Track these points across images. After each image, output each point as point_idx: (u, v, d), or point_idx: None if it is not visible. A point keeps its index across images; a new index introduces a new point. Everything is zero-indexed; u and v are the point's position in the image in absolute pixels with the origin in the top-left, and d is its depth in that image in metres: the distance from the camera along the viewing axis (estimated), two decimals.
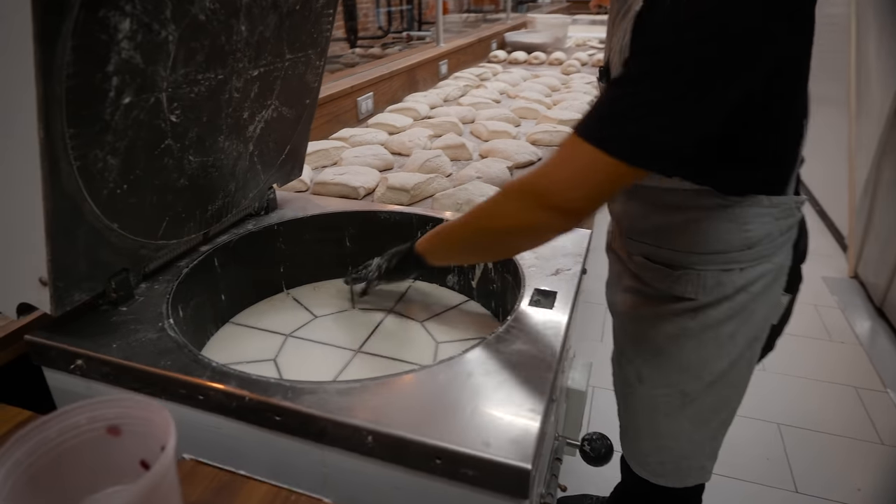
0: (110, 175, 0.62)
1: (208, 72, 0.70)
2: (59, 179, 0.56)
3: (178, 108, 0.67)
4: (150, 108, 0.63)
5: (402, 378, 0.61)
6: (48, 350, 0.67)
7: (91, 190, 0.60)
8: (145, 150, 0.66)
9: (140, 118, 0.62)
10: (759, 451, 1.73)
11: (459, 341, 0.91)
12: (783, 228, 0.80)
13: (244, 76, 0.77)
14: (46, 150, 0.53)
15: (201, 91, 0.70)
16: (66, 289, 0.64)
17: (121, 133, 0.61)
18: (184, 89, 0.67)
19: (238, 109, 0.79)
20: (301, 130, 1.00)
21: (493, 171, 1.28)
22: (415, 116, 1.85)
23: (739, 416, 0.93)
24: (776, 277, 0.83)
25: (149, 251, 0.75)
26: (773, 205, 0.77)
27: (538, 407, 0.57)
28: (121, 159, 0.62)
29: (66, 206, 0.59)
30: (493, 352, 0.66)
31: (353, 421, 0.55)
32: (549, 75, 2.59)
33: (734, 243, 0.79)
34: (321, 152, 1.42)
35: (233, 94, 0.76)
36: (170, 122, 0.67)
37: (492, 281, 0.96)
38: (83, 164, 0.58)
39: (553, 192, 0.62)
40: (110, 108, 0.58)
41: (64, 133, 0.54)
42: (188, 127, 0.71)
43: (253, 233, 0.96)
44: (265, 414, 0.59)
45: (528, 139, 1.65)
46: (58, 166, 0.55)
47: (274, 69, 0.83)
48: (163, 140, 0.68)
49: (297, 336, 0.91)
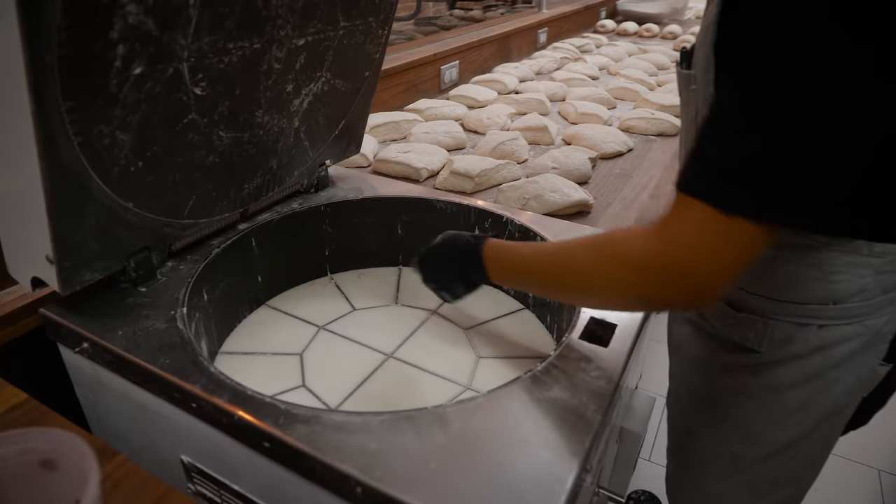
0: (121, 152, 0.56)
1: (241, 40, 0.62)
2: (59, 156, 0.51)
3: (203, 80, 0.60)
4: (169, 79, 0.57)
5: (410, 418, 0.53)
6: (59, 327, 0.64)
7: (97, 167, 0.55)
8: (164, 126, 0.60)
9: (156, 91, 0.56)
10: (853, 498, 1.52)
11: (502, 359, 0.81)
12: (887, 286, 0.62)
13: (287, 45, 0.69)
14: (40, 123, 0.48)
15: (233, 61, 0.63)
16: (75, 268, 0.60)
17: (132, 107, 0.55)
18: (210, 59, 0.60)
19: (280, 82, 0.72)
20: (359, 105, 0.92)
21: (571, 162, 1.14)
22: (500, 90, 1.73)
23: (833, 456, 0.77)
24: (870, 344, 0.65)
25: (174, 230, 0.71)
26: (873, 254, 0.59)
27: (564, 483, 0.47)
28: (133, 135, 0.57)
29: (69, 184, 0.54)
30: (525, 397, 0.56)
31: (341, 466, 0.48)
32: (659, 51, 2.35)
33: (815, 294, 0.62)
34: (391, 125, 1.34)
35: (273, 66, 0.69)
36: (194, 96, 0.61)
37: None
38: (86, 141, 0.52)
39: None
40: (117, 80, 0.52)
41: (59, 106, 0.48)
42: (217, 100, 0.64)
43: (297, 212, 0.89)
44: (255, 437, 0.52)
45: (621, 125, 1.48)
46: (55, 142, 0.50)
47: (325, 38, 0.74)
48: (185, 115, 0.61)
49: (329, 329, 0.85)
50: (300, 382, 0.75)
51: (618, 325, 0.67)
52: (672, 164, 1.27)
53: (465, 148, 1.32)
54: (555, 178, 1.04)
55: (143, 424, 0.65)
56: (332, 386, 0.75)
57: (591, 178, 1.16)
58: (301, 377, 0.76)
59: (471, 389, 0.75)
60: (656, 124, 1.45)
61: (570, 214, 1.01)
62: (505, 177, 1.11)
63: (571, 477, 0.48)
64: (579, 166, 1.14)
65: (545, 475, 0.48)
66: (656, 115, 1.46)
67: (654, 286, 0.49)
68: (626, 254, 0.50)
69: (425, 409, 0.54)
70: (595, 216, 1.03)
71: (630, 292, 0.51)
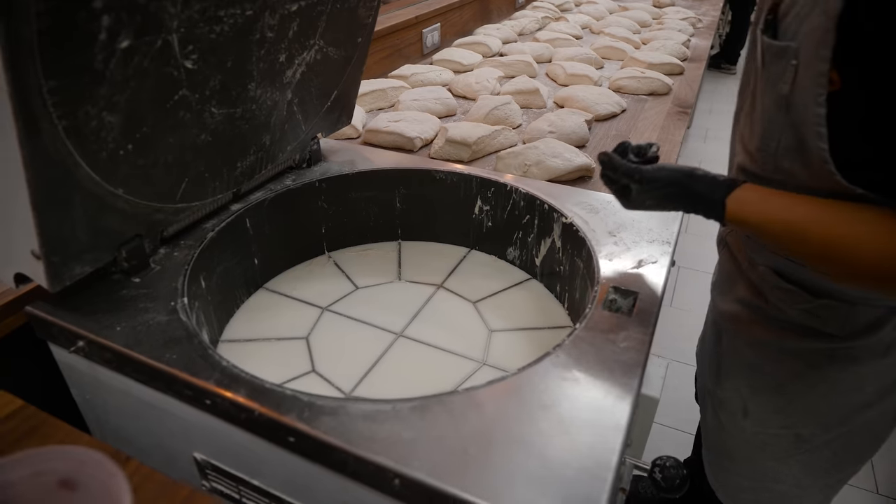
0: (109, 135, 0.51)
1: (232, 7, 0.57)
2: (42, 142, 0.46)
3: (194, 53, 0.55)
4: (157, 52, 0.51)
5: (442, 403, 0.50)
6: (49, 325, 0.60)
7: (85, 153, 0.50)
8: (154, 104, 0.55)
9: (144, 66, 0.51)
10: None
11: (515, 331, 0.79)
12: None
13: (279, 12, 0.64)
14: (20, 107, 0.43)
15: (224, 31, 0.58)
16: (64, 262, 0.55)
17: (119, 85, 0.49)
18: (201, 29, 0.55)
19: (272, 52, 0.67)
20: (351, 74, 0.87)
21: (568, 125, 1.11)
22: (485, 52, 1.67)
23: None
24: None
25: (166, 215, 0.66)
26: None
27: (608, 464, 0.45)
28: (122, 116, 0.52)
29: (54, 174, 0.49)
30: (556, 373, 0.53)
31: (378, 459, 0.45)
32: (640, 8, 2.31)
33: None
34: (377, 93, 1.28)
35: (265, 34, 0.64)
36: (184, 70, 0.55)
37: (559, 262, 0.82)
38: (71, 124, 0.47)
39: None
40: (102, 55, 0.46)
41: (41, 87, 0.43)
42: (209, 74, 0.59)
43: (292, 190, 0.85)
44: (277, 432, 0.49)
45: (611, 85, 1.45)
46: (37, 126, 0.45)
47: (318, 3, 0.69)
48: (176, 91, 0.56)
49: (333, 310, 0.82)
50: (310, 368, 0.72)
51: (639, 292, 0.65)
52: (668, 124, 1.25)
53: (456, 114, 1.27)
54: (554, 142, 1.00)
55: (150, 423, 0.62)
56: (344, 370, 0.72)
57: (588, 140, 1.13)
58: (310, 362, 0.73)
59: (487, 365, 0.73)
60: (647, 83, 1.42)
61: (573, 180, 0.98)
62: (502, 143, 1.07)
63: (616, 456, 0.46)
64: (577, 129, 1.11)
65: (589, 455, 0.46)
66: (647, 74, 1.43)
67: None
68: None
69: (456, 392, 0.51)
70: (597, 180, 1.00)
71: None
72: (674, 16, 2.19)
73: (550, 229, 0.82)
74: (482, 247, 0.94)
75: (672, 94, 1.43)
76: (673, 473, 0.67)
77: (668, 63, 1.54)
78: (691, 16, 2.19)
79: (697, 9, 2.41)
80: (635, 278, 0.67)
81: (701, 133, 3.43)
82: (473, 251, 0.94)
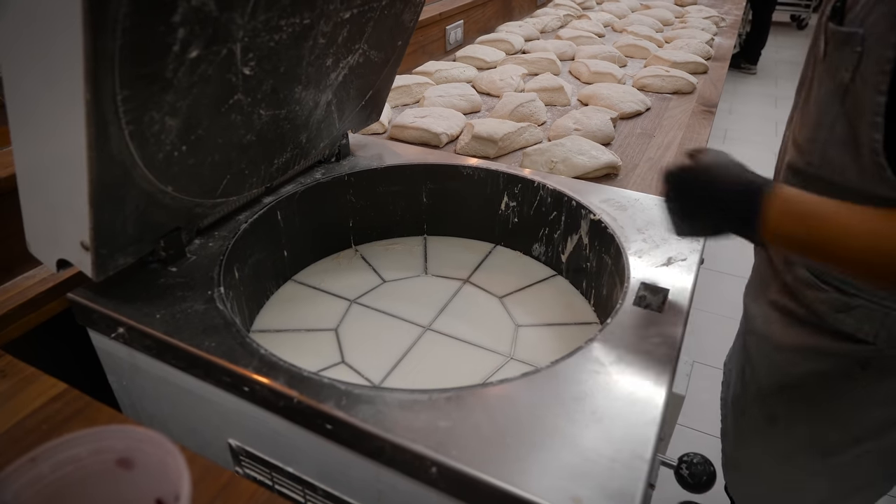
0: (167, 137, 0.53)
1: (293, 16, 0.58)
2: (108, 145, 0.47)
3: (252, 59, 0.56)
4: (221, 61, 0.52)
5: (477, 394, 0.51)
6: (90, 312, 0.61)
7: (144, 154, 0.52)
8: (210, 108, 0.56)
9: (207, 73, 0.52)
10: None
11: (542, 326, 0.79)
12: None
13: (334, 19, 0.64)
14: (94, 113, 0.44)
15: (282, 39, 0.58)
16: (110, 255, 0.57)
17: (183, 92, 0.51)
18: (262, 38, 0.56)
19: (321, 56, 0.68)
20: (387, 74, 0.88)
21: (593, 122, 1.11)
22: (507, 50, 1.67)
23: None
24: None
25: (205, 209, 0.67)
26: None
27: (643, 456, 0.46)
28: (181, 119, 0.53)
29: (114, 173, 0.50)
30: (589, 368, 0.54)
31: (415, 447, 0.46)
32: (662, 6, 2.30)
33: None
34: (402, 89, 1.29)
35: (318, 41, 0.64)
36: (242, 76, 0.57)
37: (585, 259, 0.83)
38: (137, 129, 0.49)
39: None
40: (173, 65, 0.48)
41: (115, 95, 0.45)
42: (262, 79, 0.60)
43: (321, 183, 0.86)
44: (315, 420, 0.50)
45: (636, 83, 1.44)
46: (106, 131, 0.46)
47: (369, 10, 0.69)
48: (232, 95, 0.57)
49: (361, 303, 0.83)
50: (339, 359, 0.73)
51: (669, 290, 0.65)
52: (693, 123, 1.24)
53: (481, 111, 1.28)
54: (580, 140, 1.00)
55: (185, 409, 0.63)
56: (373, 361, 0.73)
57: (614, 138, 1.13)
58: (339, 353, 0.74)
59: (514, 359, 0.74)
60: (672, 82, 1.41)
61: (599, 177, 0.98)
62: (528, 140, 1.08)
63: (650, 450, 0.46)
64: (602, 127, 1.11)
65: (623, 449, 0.46)
66: (671, 73, 1.42)
67: None
68: None
69: (491, 384, 0.52)
70: (623, 178, 1.00)
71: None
72: (696, 14, 2.17)
73: (578, 226, 0.82)
74: (507, 242, 0.94)
75: (696, 93, 1.43)
76: (700, 470, 0.67)
77: (692, 62, 1.54)
78: (714, 14, 2.17)
79: (720, 7, 2.39)
80: (665, 275, 0.67)
81: (720, 133, 3.41)
82: (499, 247, 0.95)
